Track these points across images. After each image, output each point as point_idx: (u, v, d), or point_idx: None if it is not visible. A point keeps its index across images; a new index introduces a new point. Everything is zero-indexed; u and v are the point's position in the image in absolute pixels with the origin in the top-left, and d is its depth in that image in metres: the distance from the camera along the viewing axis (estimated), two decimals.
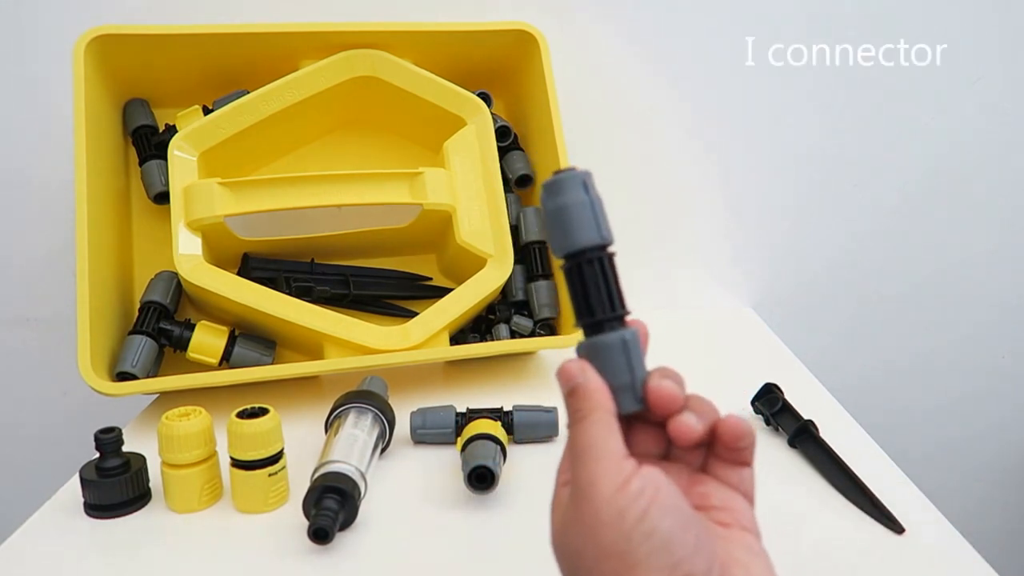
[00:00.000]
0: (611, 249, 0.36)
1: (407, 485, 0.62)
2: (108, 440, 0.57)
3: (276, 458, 0.58)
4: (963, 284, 1.10)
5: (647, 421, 0.36)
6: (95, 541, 0.56)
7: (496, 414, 0.67)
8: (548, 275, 0.86)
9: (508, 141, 0.89)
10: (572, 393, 0.34)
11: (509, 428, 0.67)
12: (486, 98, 0.87)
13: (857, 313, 1.11)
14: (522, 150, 0.91)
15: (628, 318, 0.36)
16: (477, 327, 0.85)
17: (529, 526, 0.56)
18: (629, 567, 0.30)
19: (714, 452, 0.35)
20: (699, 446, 0.36)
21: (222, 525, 0.57)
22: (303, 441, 0.65)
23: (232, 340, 0.77)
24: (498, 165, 0.83)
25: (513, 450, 0.66)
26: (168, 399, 0.78)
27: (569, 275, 0.35)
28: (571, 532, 0.32)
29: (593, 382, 0.34)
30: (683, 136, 1.01)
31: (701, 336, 1.00)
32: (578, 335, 0.36)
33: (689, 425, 0.33)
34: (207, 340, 0.76)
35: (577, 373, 0.34)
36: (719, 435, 0.34)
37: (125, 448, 0.59)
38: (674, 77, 0.99)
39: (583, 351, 0.35)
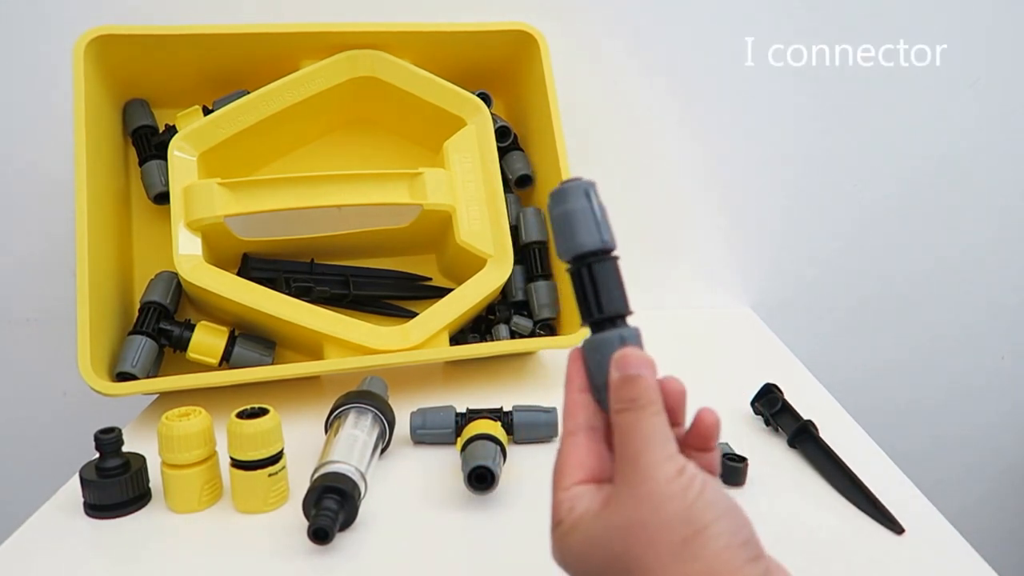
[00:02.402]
0: (615, 254, 0.37)
1: (407, 485, 0.62)
2: (108, 440, 0.57)
3: (276, 458, 0.58)
4: (962, 284, 1.10)
5: None
6: (95, 541, 0.56)
7: (496, 414, 0.67)
8: (548, 275, 0.86)
9: (508, 141, 0.89)
10: (631, 381, 0.35)
11: (509, 428, 0.67)
12: (486, 98, 0.87)
13: (856, 313, 1.11)
14: (522, 150, 0.91)
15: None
16: (477, 327, 0.85)
17: (529, 526, 0.56)
18: (696, 532, 0.32)
19: (687, 442, 0.37)
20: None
21: (222, 525, 0.57)
22: (303, 441, 0.65)
23: (232, 340, 0.77)
24: (498, 165, 0.83)
25: (513, 450, 0.66)
26: (168, 399, 0.78)
27: (573, 277, 0.37)
28: (623, 511, 0.33)
29: (653, 377, 0.35)
30: (682, 136, 1.01)
31: (701, 336, 1.00)
32: (578, 335, 0.37)
33: (714, 414, 0.37)
34: (207, 340, 0.76)
35: (643, 363, 0.35)
36: (697, 426, 0.37)
37: (125, 448, 0.59)
38: (674, 77, 0.99)
39: (586, 347, 0.37)
